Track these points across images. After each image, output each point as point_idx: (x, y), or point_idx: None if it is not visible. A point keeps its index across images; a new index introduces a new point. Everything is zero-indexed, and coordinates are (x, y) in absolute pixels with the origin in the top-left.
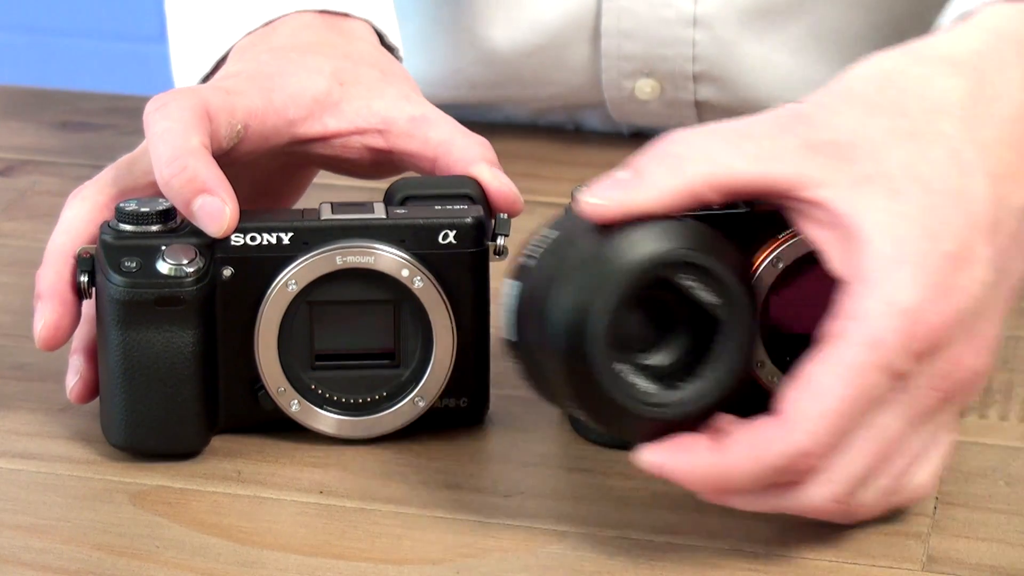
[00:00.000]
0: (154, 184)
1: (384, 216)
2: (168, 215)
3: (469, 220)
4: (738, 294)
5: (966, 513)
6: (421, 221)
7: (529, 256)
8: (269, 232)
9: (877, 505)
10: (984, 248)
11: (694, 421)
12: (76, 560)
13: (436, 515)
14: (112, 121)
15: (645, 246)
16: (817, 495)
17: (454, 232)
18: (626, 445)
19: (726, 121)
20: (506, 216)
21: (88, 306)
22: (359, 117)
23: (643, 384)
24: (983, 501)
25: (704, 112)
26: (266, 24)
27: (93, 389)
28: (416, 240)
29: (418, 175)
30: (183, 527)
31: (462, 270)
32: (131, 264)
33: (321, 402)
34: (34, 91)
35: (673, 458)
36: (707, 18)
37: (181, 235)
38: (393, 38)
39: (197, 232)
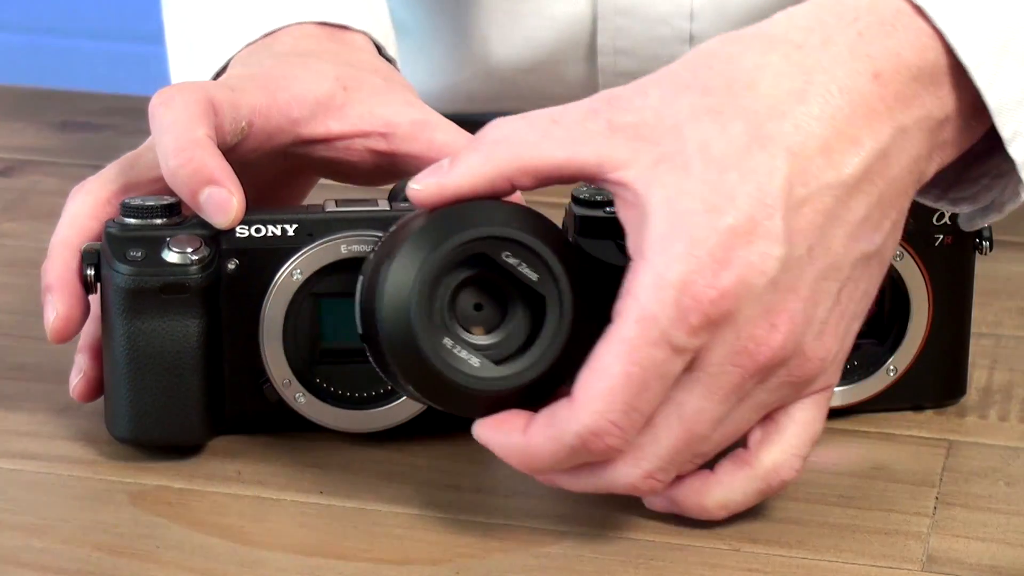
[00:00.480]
0: (158, 180)
1: (389, 209)
2: (173, 210)
3: None
4: (558, 270)
5: (966, 513)
6: None
7: (371, 250)
8: (274, 224)
9: (736, 491)
10: (776, 222)
11: (526, 396)
12: (76, 560)
13: (436, 515)
14: (112, 121)
15: (456, 225)
16: (628, 473)
17: None
18: None
19: (544, 109)
20: None
21: (94, 303)
22: (362, 120)
23: (469, 359)
24: (983, 501)
25: None
26: (267, 35)
27: (96, 387)
28: None
29: None
30: (183, 527)
31: None
32: (136, 254)
33: (326, 395)
34: (34, 91)
35: (490, 435)
36: (703, 36)
37: (186, 227)
38: (390, 50)
39: (202, 225)
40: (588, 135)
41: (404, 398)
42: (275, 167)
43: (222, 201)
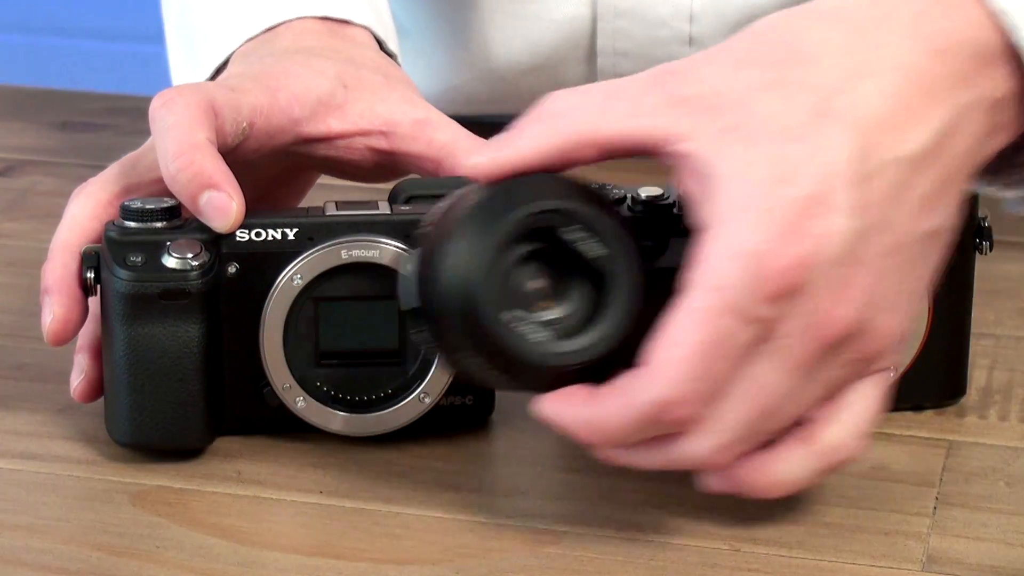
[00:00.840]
0: (158, 181)
1: (389, 212)
2: (173, 212)
3: None
4: (620, 245)
5: (966, 513)
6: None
7: (425, 224)
8: (274, 228)
9: (796, 469)
10: (844, 195)
11: (592, 372)
12: (76, 560)
13: (436, 515)
14: (112, 121)
15: (519, 198)
16: (698, 447)
17: None
18: None
19: (600, 82)
20: None
21: (94, 304)
22: (363, 119)
23: (537, 335)
24: (983, 501)
25: None
26: (267, 30)
27: (97, 388)
28: None
29: (422, 177)
30: (183, 527)
31: None
32: (136, 259)
33: (326, 399)
34: (34, 91)
35: (556, 409)
36: (703, 38)
37: (186, 231)
38: (392, 45)
39: (202, 228)
40: (649, 107)
41: (405, 401)
42: (276, 166)
43: (222, 205)
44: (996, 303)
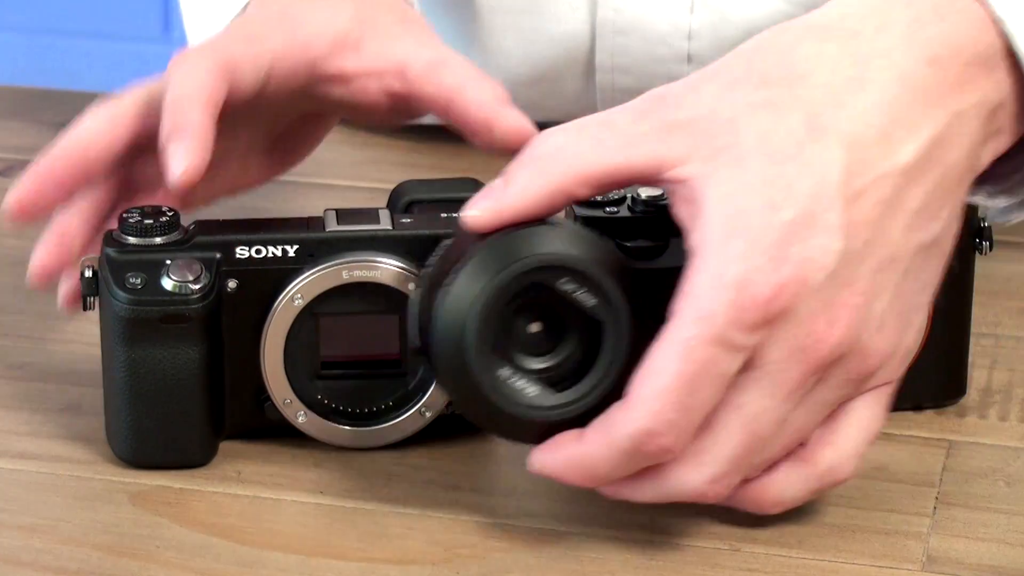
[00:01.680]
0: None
1: (390, 227)
2: (172, 226)
3: None
4: (615, 295)
5: (966, 513)
6: (427, 232)
7: (427, 264)
8: (274, 244)
9: (792, 489)
10: (834, 215)
11: (584, 422)
12: (76, 560)
13: (436, 515)
14: None
15: (514, 253)
16: (692, 479)
17: None
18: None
19: (589, 116)
20: None
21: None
22: (378, 59)
23: (525, 388)
24: (983, 501)
25: None
26: None
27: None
28: (422, 251)
29: (422, 178)
30: (183, 527)
31: None
32: (136, 280)
33: (327, 413)
34: (34, 91)
35: (545, 456)
36: (701, 55)
37: (186, 248)
38: None
39: (201, 246)
40: (642, 136)
41: (406, 415)
42: (294, 110)
43: (180, 155)
44: (996, 303)
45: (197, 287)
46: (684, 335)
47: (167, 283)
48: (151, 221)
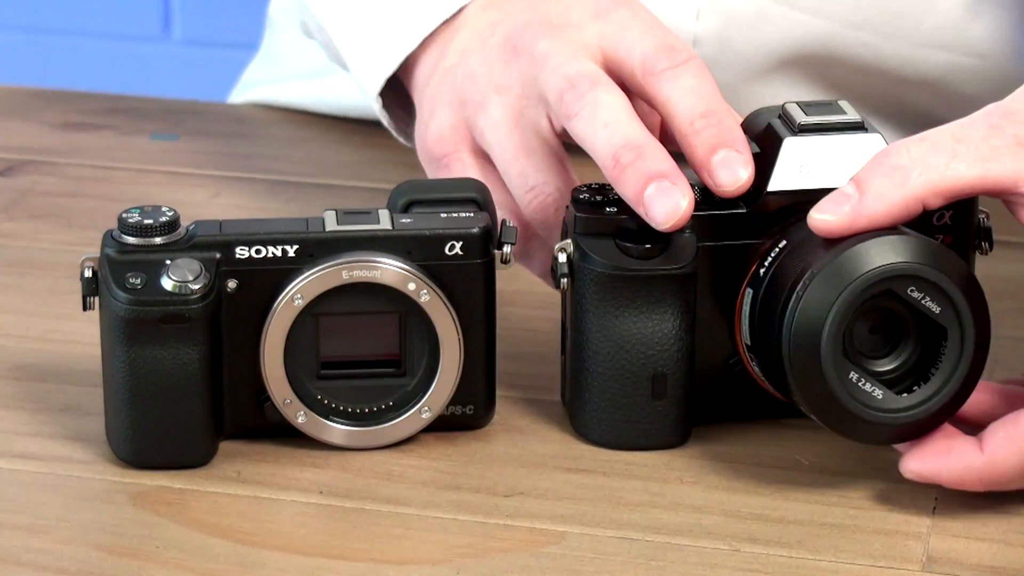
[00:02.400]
0: None
1: (390, 227)
2: (172, 226)
3: (476, 231)
4: (962, 304)
5: (966, 513)
6: (427, 232)
7: (761, 265)
8: (274, 244)
9: None
10: None
11: (922, 426)
12: (76, 560)
13: (436, 515)
14: (112, 121)
15: (875, 260)
16: None
17: (460, 243)
18: (626, 446)
19: (937, 128)
20: (512, 224)
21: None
22: None
23: (874, 391)
24: (983, 501)
25: None
26: None
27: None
28: (422, 251)
29: (422, 178)
30: (183, 527)
31: (469, 280)
32: (136, 280)
33: (327, 412)
34: (34, 91)
35: (936, 463)
36: (706, 61)
37: (186, 248)
38: None
39: (200, 246)
40: (996, 151)
41: (406, 415)
42: None
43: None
44: (996, 303)
45: (197, 287)
46: None
47: (167, 283)
48: (151, 221)
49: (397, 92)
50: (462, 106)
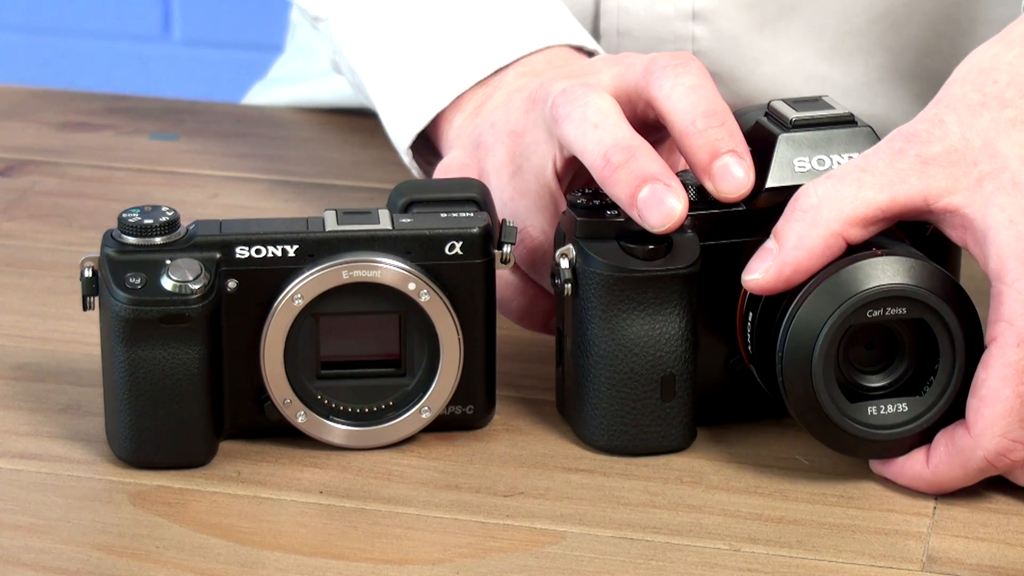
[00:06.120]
0: None
1: (389, 227)
2: (172, 226)
3: (476, 230)
4: (950, 319)
5: (966, 513)
6: (427, 232)
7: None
8: (274, 244)
9: None
10: None
11: (924, 438)
12: (76, 560)
13: (436, 515)
14: (112, 121)
15: (865, 281)
16: None
17: (460, 243)
18: (635, 452)
19: (843, 163)
20: (512, 224)
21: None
22: None
23: (869, 408)
24: (983, 501)
25: None
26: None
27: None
28: (422, 251)
29: (421, 179)
30: (183, 527)
31: (469, 280)
32: (136, 280)
33: (327, 412)
34: (34, 91)
35: (894, 471)
36: (706, 12)
37: (186, 248)
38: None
39: (200, 246)
40: (902, 173)
41: (406, 415)
42: None
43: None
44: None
45: (197, 287)
46: (1010, 359)
47: (167, 283)
48: (151, 221)
49: (427, 140)
50: (476, 148)
